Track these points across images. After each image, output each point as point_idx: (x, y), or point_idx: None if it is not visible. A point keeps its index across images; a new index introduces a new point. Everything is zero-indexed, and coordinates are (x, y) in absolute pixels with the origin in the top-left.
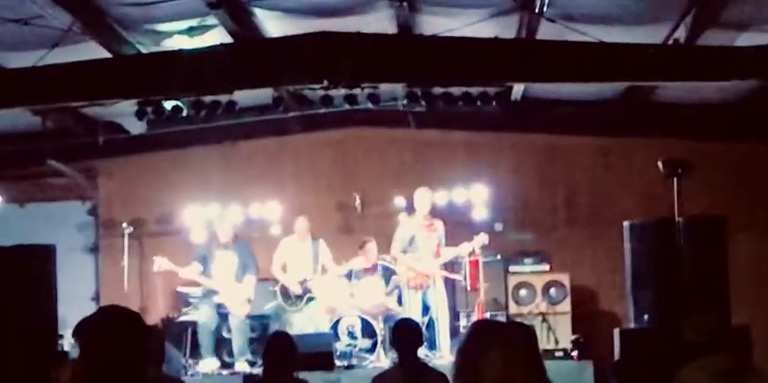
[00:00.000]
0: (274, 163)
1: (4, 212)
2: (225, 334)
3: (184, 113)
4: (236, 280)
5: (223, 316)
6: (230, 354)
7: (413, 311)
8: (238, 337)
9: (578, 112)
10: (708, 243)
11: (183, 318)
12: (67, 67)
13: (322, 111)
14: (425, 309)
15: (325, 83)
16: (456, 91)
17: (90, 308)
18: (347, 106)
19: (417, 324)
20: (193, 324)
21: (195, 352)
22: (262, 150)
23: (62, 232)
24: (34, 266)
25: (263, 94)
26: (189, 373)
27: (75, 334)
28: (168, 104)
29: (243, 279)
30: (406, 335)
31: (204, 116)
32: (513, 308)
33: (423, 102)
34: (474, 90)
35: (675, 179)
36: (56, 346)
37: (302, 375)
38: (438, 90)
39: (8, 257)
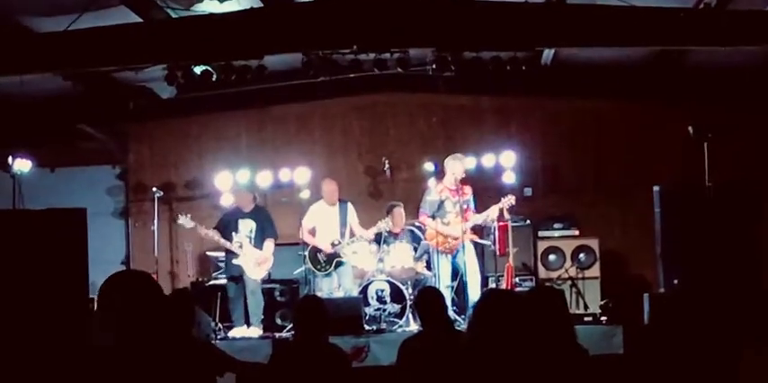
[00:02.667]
0: (303, 128)
1: (34, 177)
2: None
3: (214, 78)
4: (255, 246)
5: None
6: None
7: (442, 276)
8: (253, 301)
9: (608, 77)
10: (740, 207)
11: (212, 282)
12: (98, 32)
13: (351, 75)
14: (455, 274)
15: (355, 47)
16: (485, 55)
17: None
18: (376, 71)
19: (439, 291)
20: (223, 288)
21: (225, 316)
22: (291, 115)
23: (92, 196)
24: (65, 230)
25: (293, 59)
26: (219, 337)
27: (96, 297)
28: (198, 69)
29: (262, 244)
30: (429, 304)
31: (234, 81)
32: (542, 273)
33: (452, 67)
34: (504, 54)
35: (706, 144)
36: (87, 310)
37: (331, 339)
38: (467, 54)
39: (39, 221)
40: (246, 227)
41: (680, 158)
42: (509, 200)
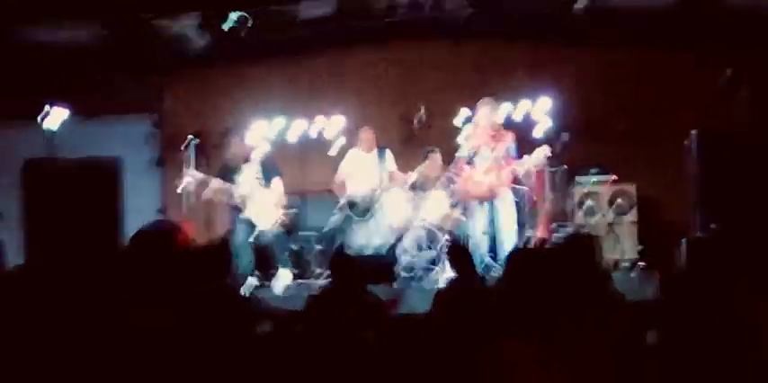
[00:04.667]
0: (338, 75)
1: (70, 125)
2: (293, 246)
3: (249, 25)
4: (263, 187)
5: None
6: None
7: (478, 223)
8: (277, 244)
9: (643, 22)
10: None
11: None
12: None
13: (386, 21)
14: (491, 221)
15: None
16: (520, 1)
17: None
18: (412, 17)
19: (465, 249)
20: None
21: (263, 265)
22: (324, 63)
23: (127, 145)
24: (101, 178)
25: (328, 6)
26: (256, 285)
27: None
28: (233, 16)
29: (269, 183)
30: (459, 258)
31: (269, 28)
32: (579, 219)
33: (487, 14)
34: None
35: (740, 90)
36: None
37: (367, 288)
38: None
39: (75, 170)
40: (252, 169)
41: (716, 103)
42: (543, 151)
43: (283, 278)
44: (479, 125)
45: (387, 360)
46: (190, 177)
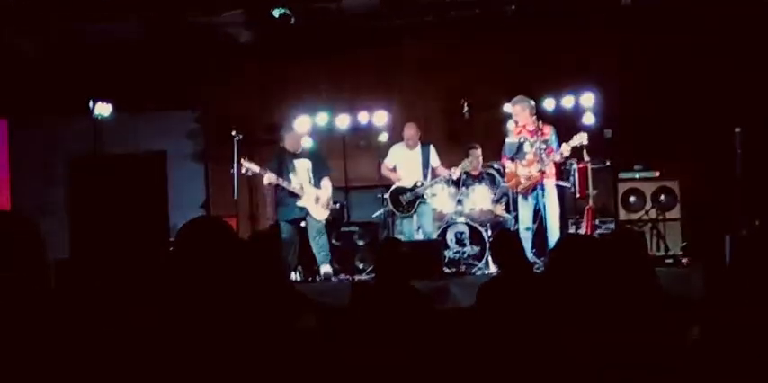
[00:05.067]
0: (380, 71)
1: (116, 120)
2: (335, 241)
3: (292, 21)
4: (315, 185)
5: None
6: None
7: (523, 218)
8: (321, 242)
9: (690, 13)
10: None
11: None
12: None
13: (430, 17)
14: (535, 216)
15: None
16: None
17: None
18: (456, 11)
19: (514, 234)
20: (303, 229)
21: (306, 259)
22: (368, 58)
23: (172, 140)
24: (147, 172)
25: (372, 1)
26: (299, 279)
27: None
28: (277, 12)
29: (320, 183)
30: (504, 248)
31: (312, 23)
32: (622, 215)
33: (532, 6)
34: None
35: None
36: (168, 252)
37: (412, 282)
38: None
39: (121, 164)
40: (303, 166)
41: (762, 99)
42: (580, 139)
43: (326, 268)
44: (518, 121)
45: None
46: (246, 168)
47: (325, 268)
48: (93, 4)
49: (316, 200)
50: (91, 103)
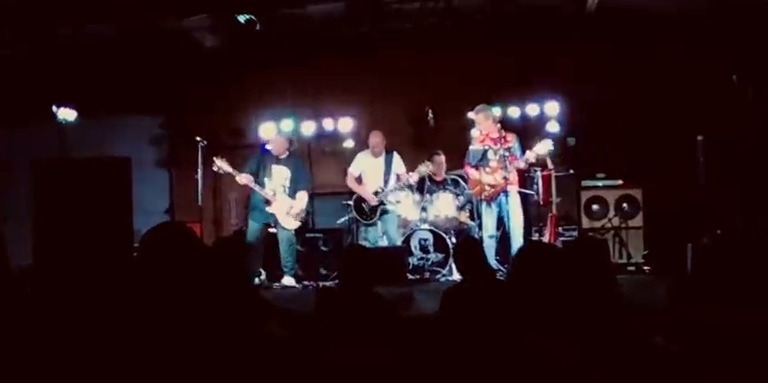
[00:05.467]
0: (346, 78)
1: (80, 125)
2: (300, 248)
3: (258, 27)
4: (289, 195)
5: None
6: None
7: (486, 225)
8: (288, 251)
9: (654, 25)
10: None
11: None
12: None
13: (396, 24)
14: (499, 223)
15: None
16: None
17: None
18: (421, 19)
19: (476, 241)
20: (272, 236)
21: (271, 265)
22: (334, 65)
23: (136, 145)
24: (110, 178)
25: (338, 9)
26: (263, 285)
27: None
28: (242, 18)
29: (295, 194)
30: (466, 254)
31: (277, 30)
32: (585, 223)
33: (498, 14)
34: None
35: (748, 90)
36: (132, 258)
37: (375, 289)
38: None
39: (85, 169)
40: (281, 174)
41: (724, 108)
42: (545, 146)
43: (288, 280)
44: (481, 129)
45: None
46: (218, 166)
47: (287, 279)
48: (60, 9)
49: (288, 209)
50: (54, 108)
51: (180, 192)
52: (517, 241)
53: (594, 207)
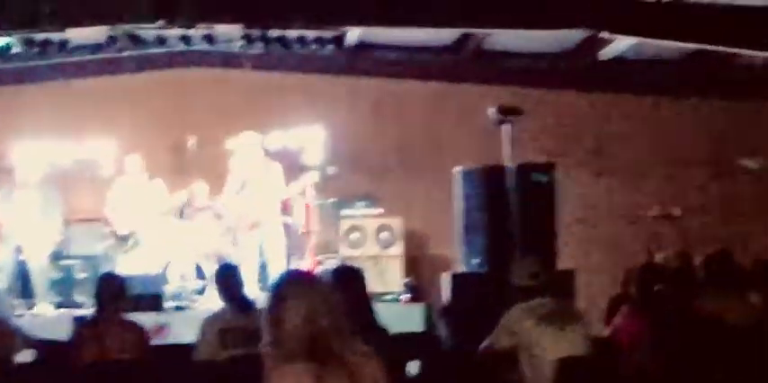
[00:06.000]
0: (108, 102)
1: None
2: (55, 274)
3: (16, 50)
4: (39, 222)
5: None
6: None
7: (248, 253)
8: (41, 279)
9: (412, 58)
10: (536, 189)
11: None
12: None
13: (157, 50)
14: (260, 251)
15: (161, 22)
16: (291, 34)
17: None
18: (183, 46)
19: (235, 269)
20: (23, 263)
21: (27, 293)
22: (95, 89)
23: None
24: None
25: (98, 33)
26: (18, 314)
27: None
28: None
29: (46, 221)
30: (224, 282)
31: (36, 54)
32: (344, 251)
33: (259, 44)
34: (310, 33)
35: (506, 125)
36: None
37: (132, 316)
38: (274, 32)
39: None
40: (30, 201)
41: (482, 140)
42: (310, 178)
43: (43, 309)
44: (244, 157)
45: None
46: None
47: (43, 306)
48: None
49: (36, 237)
50: None
51: None
52: (277, 269)
53: (354, 235)
